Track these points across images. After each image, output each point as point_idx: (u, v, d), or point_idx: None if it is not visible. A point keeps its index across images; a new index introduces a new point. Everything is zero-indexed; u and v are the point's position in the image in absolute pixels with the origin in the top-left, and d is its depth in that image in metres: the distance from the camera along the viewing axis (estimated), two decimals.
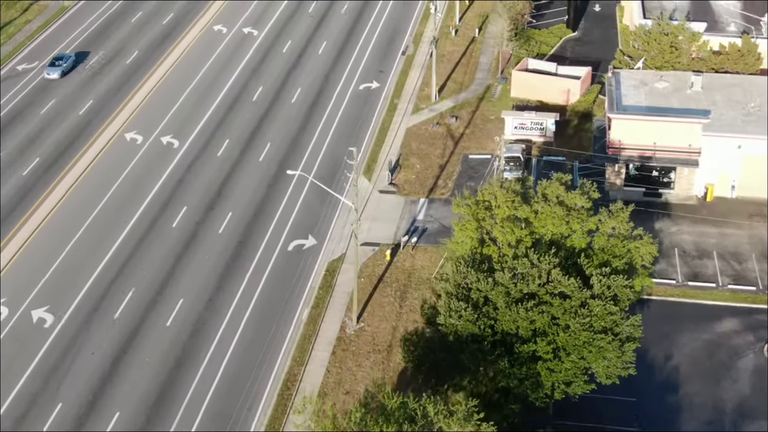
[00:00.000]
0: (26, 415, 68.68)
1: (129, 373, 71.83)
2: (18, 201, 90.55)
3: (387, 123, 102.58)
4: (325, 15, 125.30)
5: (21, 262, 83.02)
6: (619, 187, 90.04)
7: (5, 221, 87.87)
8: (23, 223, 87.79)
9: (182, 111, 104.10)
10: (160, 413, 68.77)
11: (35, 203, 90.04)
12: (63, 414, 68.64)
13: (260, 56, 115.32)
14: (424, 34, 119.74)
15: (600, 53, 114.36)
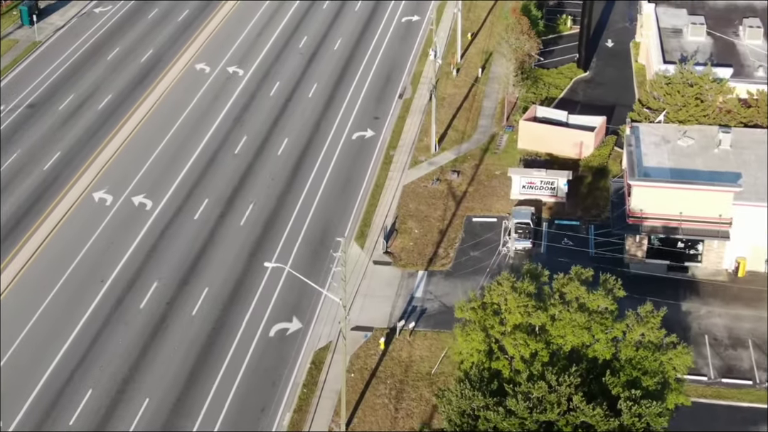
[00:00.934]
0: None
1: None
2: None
3: (382, 179, 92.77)
4: (316, 52, 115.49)
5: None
6: (641, 259, 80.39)
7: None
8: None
9: (157, 166, 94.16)
10: None
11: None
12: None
13: (245, 100, 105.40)
14: (423, 74, 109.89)
15: (614, 96, 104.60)
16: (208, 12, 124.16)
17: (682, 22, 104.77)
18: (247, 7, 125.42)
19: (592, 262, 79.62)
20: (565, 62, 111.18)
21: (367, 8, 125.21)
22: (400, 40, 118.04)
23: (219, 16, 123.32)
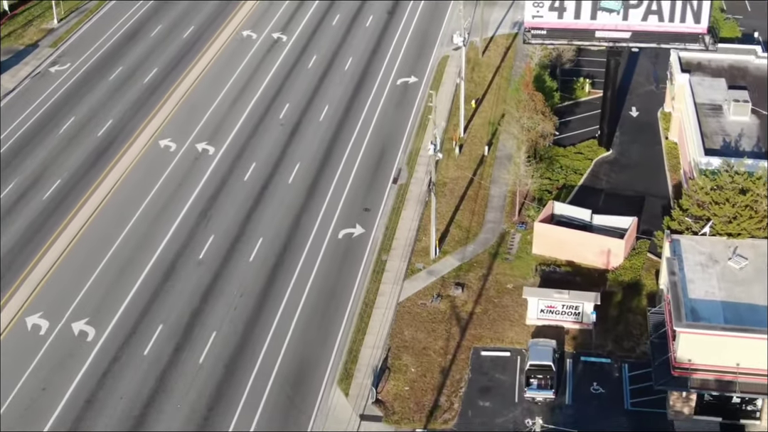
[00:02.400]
0: None
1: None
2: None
3: (372, 294, 77.40)
4: (299, 122, 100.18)
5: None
6: (688, 416, 65.20)
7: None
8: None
9: (99, 286, 78.98)
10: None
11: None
12: None
13: (214, 187, 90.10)
14: (421, 152, 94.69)
15: (644, 182, 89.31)
16: (176, 73, 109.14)
17: (721, 96, 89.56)
18: (222, 68, 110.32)
19: (628, 419, 64.91)
20: (584, 137, 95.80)
21: (359, 67, 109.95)
22: (394, 107, 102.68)
23: (190, 78, 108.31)
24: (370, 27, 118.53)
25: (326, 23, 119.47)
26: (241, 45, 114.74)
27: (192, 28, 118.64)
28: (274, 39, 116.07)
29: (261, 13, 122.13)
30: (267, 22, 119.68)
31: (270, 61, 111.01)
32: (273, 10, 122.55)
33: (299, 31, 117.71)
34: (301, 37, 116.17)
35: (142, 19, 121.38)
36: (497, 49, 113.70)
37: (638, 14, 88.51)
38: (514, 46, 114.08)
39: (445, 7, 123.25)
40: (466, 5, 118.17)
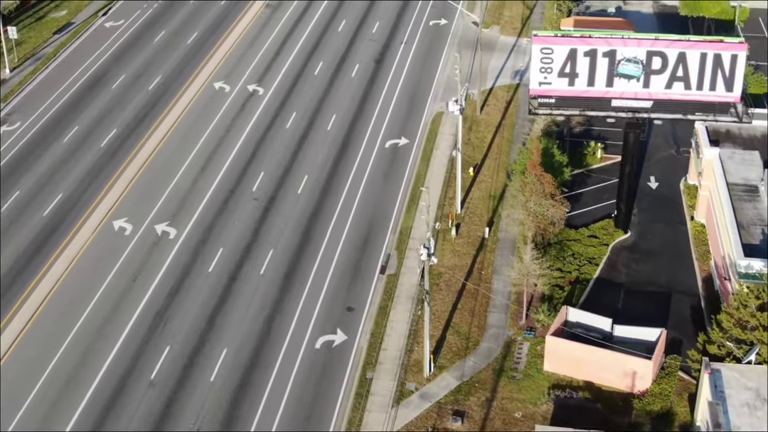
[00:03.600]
0: None
1: None
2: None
3: (355, 428, 65.00)
4: (274, 197, 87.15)
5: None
6: None
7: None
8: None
9: None
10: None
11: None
12: None
13: (174, 279, 77.81)
14: (412, 233, 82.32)
15: (669, 274, 76.99)
16: (139, 134, 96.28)
17: (756, 174, 77.50)
18: (189, 129, 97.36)
19: None
20: (598, 214, 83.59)
21: (343, 127, 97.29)
22: (382, 177, 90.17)
23: (153, 140, 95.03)
24: (355, 78, 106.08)
25: (308, 73, 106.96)
26: (212, 99, 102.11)
27: (158, 78, 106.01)
28: (249, 92, 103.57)
29: (235, 61, 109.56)
30: (242, 72, 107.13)
31: (244, 120, 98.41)
32: (248, 58, 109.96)
33: (277, 82, 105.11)
34: (280, 90, 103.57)
35: (104, 67, 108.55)
36: (497, 104, 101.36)
37: (661, 81, 76.28)
38: (515, 100, 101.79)
39: (438, 53, 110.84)
40: (462, 51, 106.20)
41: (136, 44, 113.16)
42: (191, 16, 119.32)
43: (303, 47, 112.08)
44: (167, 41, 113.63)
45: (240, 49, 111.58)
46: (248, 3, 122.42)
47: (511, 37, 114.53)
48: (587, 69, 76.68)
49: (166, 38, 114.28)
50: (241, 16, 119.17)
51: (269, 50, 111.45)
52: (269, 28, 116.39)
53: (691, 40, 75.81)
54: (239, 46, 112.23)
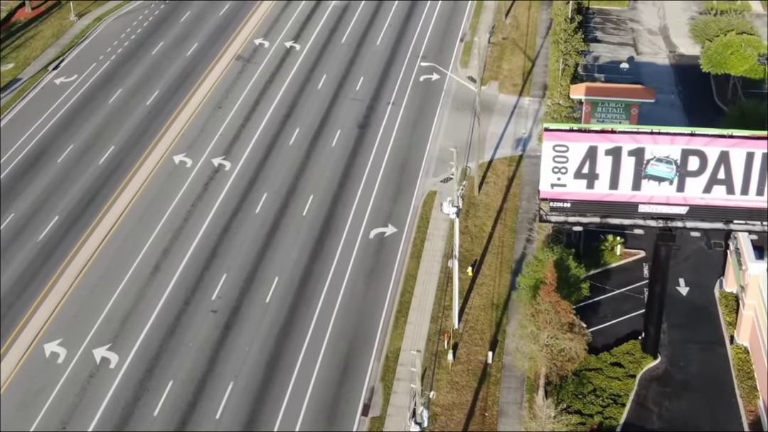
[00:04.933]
0: None
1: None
2: None
3: None
4: (236, 310, 73.62)
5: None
6: None
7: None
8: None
9: None
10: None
11: None
12: None
13: (113, 424, 64.08)
14: (401, 357, 68.59)
15: (709, 416, 63.03)
16: (83, 225, 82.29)
17: None
18: (141, 217, 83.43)
19: None
20: (620, 330, 69.94)
21: (320, 213, 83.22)
22: (365, 280, 75.94)
23: (98, 234, 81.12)
24: (337, 148, 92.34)
25: (282, 142, 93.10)
26: (171, 177, 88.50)
27: (111, 149, 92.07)
28: (214, 167, 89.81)
29: (199, 127, 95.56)
30: (206, 142, 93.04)
31: (206, 203, 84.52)
32: (214, 124, 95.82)
33: (246, 155, 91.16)
34: (249, 164, 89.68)
35: (48, 139, 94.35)
36: (497, 181, 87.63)
37: (699, 184, 62.58)
38: (518, 176, 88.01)
39: (430, 116, 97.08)
40: (457, 114, 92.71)
41: (88, 106, 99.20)
42: (153, 70, 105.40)
43: (277, 109, 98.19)
44: (123, 102, 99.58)
45: (205, 113, 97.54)
46: (217, 55, 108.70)
47: (511, 95, 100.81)
48: (610, 169, 63.01)
49: (122, 98, 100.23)
50: (208, 71, 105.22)
51: (239, 113, 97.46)
52: (239, 86, 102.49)
53: (735, 136, 61.99)
54: (204, 109, 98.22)
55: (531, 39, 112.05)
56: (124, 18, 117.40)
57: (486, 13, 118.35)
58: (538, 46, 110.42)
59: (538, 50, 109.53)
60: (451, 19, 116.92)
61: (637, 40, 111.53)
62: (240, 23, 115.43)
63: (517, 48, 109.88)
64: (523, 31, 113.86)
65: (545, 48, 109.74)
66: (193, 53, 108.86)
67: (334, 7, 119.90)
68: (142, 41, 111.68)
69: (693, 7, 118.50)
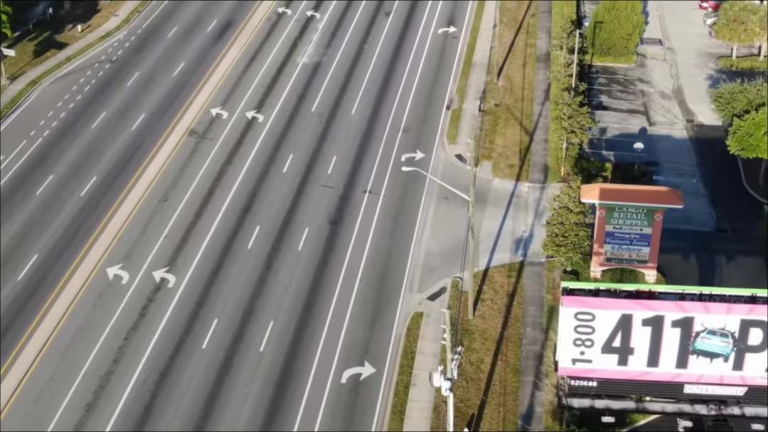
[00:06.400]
0: None
1: None
2: None
3: None
4: None
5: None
6: None
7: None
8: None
9: None
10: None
11: None
12: None
13: None
14: None
15: None
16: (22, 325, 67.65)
17: None
18: (82, 325, 68.31)
19: None
20: None
21: (281, 347, 67.58)
22: (346, 409, 61.72)
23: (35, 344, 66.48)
24: (304, 251, 76.62)
25: (238, 246, 77.29)
26: (102, 298, 72.56)
27: (33, 258, 76.52)
28: (155, 283, 73.79)
29: (138, 231, 79.70)
30: (145, 251, 77.27)
31: (144, 333, 68.74)
32: (157, 226, 79.67)
33: (194, 266, 75.52)
34: (197, 280, 73.74)
35: None
36: (495, 297, 72.43)
37: (761, 361, 48.21)
38: (519, 291, 73.09)
39: (414, 206, 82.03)
40: (448, 209, 77.49)
41: (13, 197, 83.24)
42: (91, 149, 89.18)
43: (235, 200, 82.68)
44: (53, 193, 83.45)
45: (148, 207, 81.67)
46: (167, 129, 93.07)
47: (507, 180, 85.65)
48: (648, 343, 48.70)
49: (52, 188, 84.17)
50: (155, 152, 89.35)
51: (188, 207, 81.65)
52: (191, 170, 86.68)
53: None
54: (148, 202, 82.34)
55: (527, 105, 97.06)
56: (62, 81, 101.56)
57: (475, 72, 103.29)
58: (536, 115, 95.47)
59: (536, 120, 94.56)
60: (435, 81, 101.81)
61: (649, 106, 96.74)
62: (195, 88, 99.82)
63: (511, 117, 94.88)
64: (517, 95, 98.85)
65: (544, 117, 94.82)
66: (139, 127, 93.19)
67: (304, 66, 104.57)
68: (81, 111, 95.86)
69: (709, 63, 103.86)
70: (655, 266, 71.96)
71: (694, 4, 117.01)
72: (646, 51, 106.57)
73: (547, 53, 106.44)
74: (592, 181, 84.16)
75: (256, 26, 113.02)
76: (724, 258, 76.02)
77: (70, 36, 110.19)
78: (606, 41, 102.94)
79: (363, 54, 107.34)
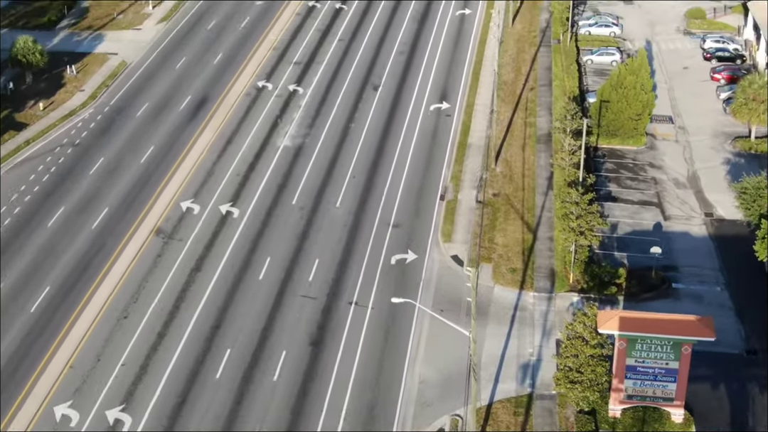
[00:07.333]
0: None
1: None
2: None
3: None
4: None
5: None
6: None
7: None
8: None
9: None
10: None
11: None
12: None
13: None
14: None
15: None
16: None
17: None
18: None
19: None
20: None
21: None
22: None
23: None
24: (280, 381, 66.13)
25: (205, 376, 66.69)
26: None
27: None
28: (109, 424, 63.95)
29: (91, 358, 68.60)
30: (99, 383, 66.19)
31: None
32: (111, 354, 69.40)
33: (155, 401, 65.33)
34: (156, 419, 64.11)
35: None
36: None
37: None
38: (529, 430, 63.23)
39: (406, 327, 71.65)
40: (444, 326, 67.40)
41: None
42: (46, 254, 79.01)
43: (204, 317, 72.24)
44: (9, 300, 73.91)
45: (104, 328, 70.87)
46: (131, 227, 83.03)
47: (509, 289, 75.70)
48: None
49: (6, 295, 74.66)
50: (115, 256, 79.22)
51: (150, 326, 70.95)
52: (155, 279, 76.18)
53: None
54: (104, 321, 71.56)
55: (529, 195, 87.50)
56: (19, 169, 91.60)
57: (471, 155, 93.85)
58: (539, 207, 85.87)
59: (538, 214, 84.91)
60: (428, 166, 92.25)
61: (663, 197, 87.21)
62: (164, 177, 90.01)
63: (512, 210, 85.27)
64: (517, 183, 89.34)
65: (548, 210, 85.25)
66: (100, 225, 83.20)
67: (285, 150, 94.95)
68: (37, 206, 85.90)
69: (726, 145, 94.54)
70: (683, 404, 62.08)
71: (704, 75, 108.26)
72: (655, 130, 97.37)
73: (548, 133, 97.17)
74: (604, 288, 74.63)
75: (233, 103, 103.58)
76: (756, 387, 66.23)
77: (31, 114, 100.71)
78: (613, 122, 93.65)
79: (349, 134, 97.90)
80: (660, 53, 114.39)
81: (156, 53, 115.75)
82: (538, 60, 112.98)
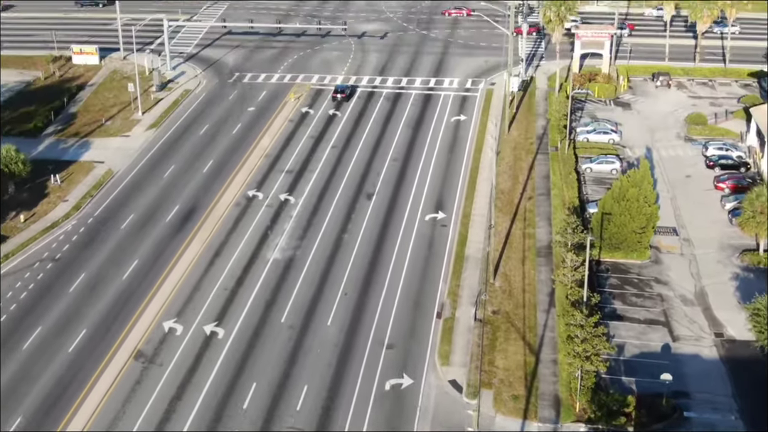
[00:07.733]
0: None
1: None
2: None
3: None
4: None
5: None
6: None
7: None
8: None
9: None
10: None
11: None
12: None
13: None
14: None
15: None
16: None
17: None
18: None
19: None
20: None
21: None
22: None
23: None
24: None
25: None
26: None
27: None
28: None
29: None
30: None
31: None
32: None
33: None
34: None
35: None
36: None
37: None
38: None
39: None
40: None
41: None
42: (20, 381, 73.94)
43: None
44: None
45: None
46: (109, 351, 78.08)
47: (512, 418, 70.53)
48: None
49: None
50: (90, 385, 73.77)
51: None
52: (131, 413, 70.85)
53: None
54: None
55: (530, 313, 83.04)
56: None
57: (469, 269, 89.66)
58: (541, 326, 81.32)
59: (541, 333, 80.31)
60: (424, 281, 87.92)
61: (670, 315, 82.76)
62: (147, 294, 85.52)
63: (512, 329, 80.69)
64: (518, 299, 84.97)
65: (550, 329, 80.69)
66: (77, 348, 78.24)
67: (275, 263, 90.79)
68: (12, 327, 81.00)
69: (733, 259, 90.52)
70: None
71: (708, 183, 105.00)
72: (660, 243, 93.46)
73: (548, 245, 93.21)
74: (613, 419, 69.63)
75: (222, 214, 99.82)
76: None
77: (11, 227, 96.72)
78: (616, 235, 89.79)
79: (342, 246, 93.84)
80: (661, 161, 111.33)
81: (144, 161, 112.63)
82: (536, 168, 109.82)
